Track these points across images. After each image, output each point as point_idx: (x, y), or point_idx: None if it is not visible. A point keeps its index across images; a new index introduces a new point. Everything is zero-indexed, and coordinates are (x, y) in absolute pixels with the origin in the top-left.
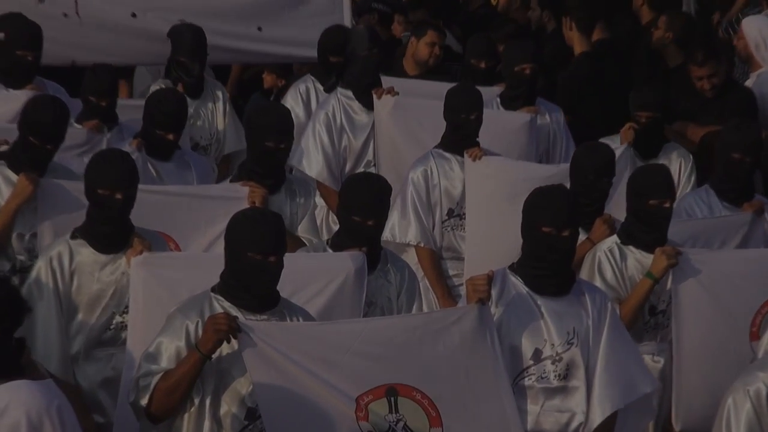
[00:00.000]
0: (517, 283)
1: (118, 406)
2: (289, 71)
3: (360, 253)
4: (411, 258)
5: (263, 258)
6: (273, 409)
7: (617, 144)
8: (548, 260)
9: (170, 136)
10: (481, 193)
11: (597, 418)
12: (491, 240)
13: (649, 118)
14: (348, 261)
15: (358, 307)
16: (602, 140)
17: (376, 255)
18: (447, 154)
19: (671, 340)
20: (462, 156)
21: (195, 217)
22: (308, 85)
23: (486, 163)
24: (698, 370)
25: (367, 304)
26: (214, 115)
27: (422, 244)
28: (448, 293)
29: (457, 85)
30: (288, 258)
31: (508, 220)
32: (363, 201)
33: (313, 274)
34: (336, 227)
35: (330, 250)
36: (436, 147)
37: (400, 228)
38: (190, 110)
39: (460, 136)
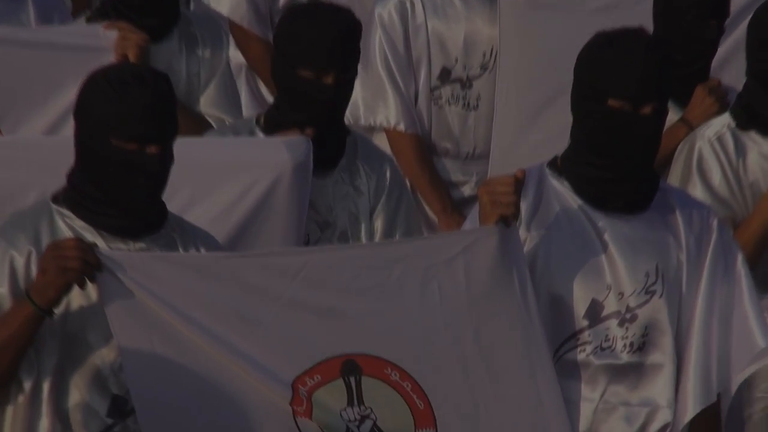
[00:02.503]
0: (562, 191)
1: None
2: None
3: (303, 139)
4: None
5: (140, 148)
6: (153, 400)
7: None
8: (617, 153)
9: None
10: (523, 42)
11: (685, 414)
12: (538, 122)
13: None
14: (282, 151)
15: (296, 228)
16: None
17: (336, 141)
18: None
19: None
20: None
21: (27, 79)
22: None
23: None
24: None
25: (320, 227)
26: None
27: (401, 127)
28: (450, 206)
29: None
30: (182, 147)
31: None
32: (314, 43)
33: (225, 173)
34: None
35: (261, 134)
36: None
37: (364, 101)
38: None
39: None
